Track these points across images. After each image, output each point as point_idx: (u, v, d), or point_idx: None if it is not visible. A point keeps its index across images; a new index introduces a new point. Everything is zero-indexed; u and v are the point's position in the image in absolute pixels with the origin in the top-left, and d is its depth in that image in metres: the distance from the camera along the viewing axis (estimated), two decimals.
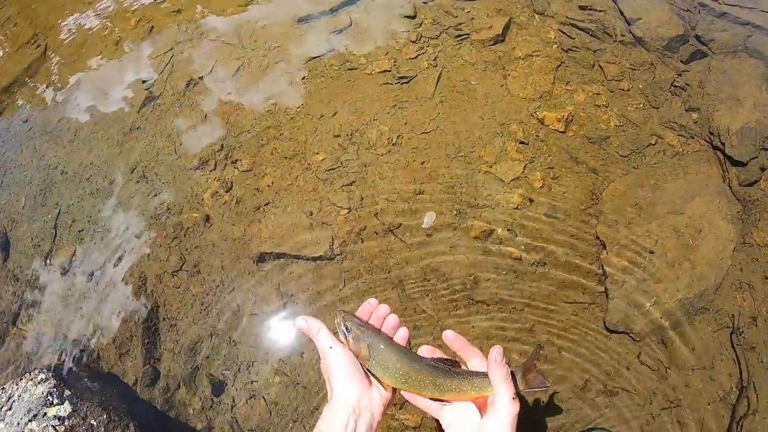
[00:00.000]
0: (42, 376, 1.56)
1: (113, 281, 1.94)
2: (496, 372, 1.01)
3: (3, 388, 1.53)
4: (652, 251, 1.79)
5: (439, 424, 1.11)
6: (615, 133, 2.07)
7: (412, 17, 2.46)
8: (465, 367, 1.15)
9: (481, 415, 1.02)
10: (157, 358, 1.80)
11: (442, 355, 1.14)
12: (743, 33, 2.26)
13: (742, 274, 1.76)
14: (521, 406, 1.01)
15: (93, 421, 1.49)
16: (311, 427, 1.59)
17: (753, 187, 1.92)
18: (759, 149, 1.95)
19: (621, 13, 2.36)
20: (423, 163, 2.05)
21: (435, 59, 2.32)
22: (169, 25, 2.67)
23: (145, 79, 2.47)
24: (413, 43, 2.37)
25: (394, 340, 1.13)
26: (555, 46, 2.32)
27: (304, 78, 2.35)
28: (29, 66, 2.67)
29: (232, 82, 2.39)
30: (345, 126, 2.16)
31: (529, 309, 1.75)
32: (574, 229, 1.88)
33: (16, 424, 1.44)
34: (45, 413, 1.46)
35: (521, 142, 2.06)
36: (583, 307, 1.75)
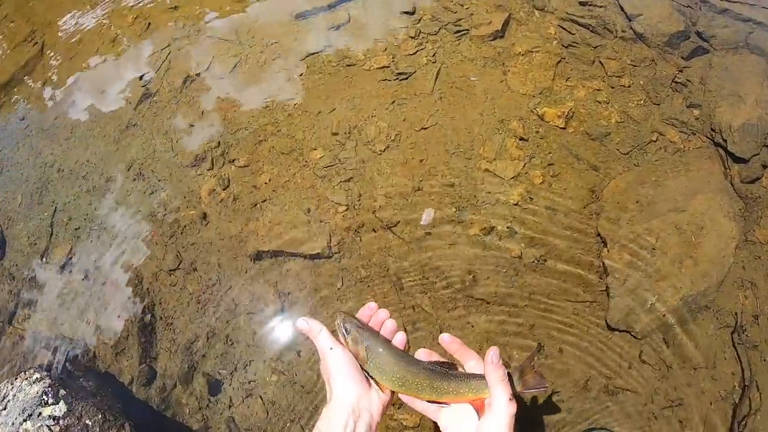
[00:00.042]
0: (37, 375, 1.54)
1: (109, 280, 1.92)
2: (493, 373, 1.02)
3: None
4: (654, 248, 1.77)
5: (437, 426, 1.11)
6: (616, 130, 2.05)
7: (410, 13, 2.45)
8: (462, 370, 1.14)
9: (479, 417, 1.02)
10: (154, 357, 1.78)
11: (439, 358, 1.14)
12: (744, 29, 2.24)
13: (744, 272, 1.75)
14: (519, 406, 1.01)
15: (88, 420, 1.48)
16: (310, 428, 1.59)
17: (755, 184, 1.92)
18: (761, 146, 1.94)
19: (621, 8, 2.34)
20: (422, 159, 2.03)
21: (434, 55, 2.30)
22: (167, 21, 2.65)
23: (142, 76, 2.45)
24: (412, 39, 2.35)
25: (392, 344, 1.13)
26: (555, 42, 2.30)
27: (301, 74, 2.33)
28: (26, 63, 2.66)
29: (230, 78, 2.37)
30: (343, 122, 2.15)
31: (529, 307, 1.74)
32: (575, 226, 1.86)
33: (10, 424, 1.43)
34: (40, 413, 1.45)
35: (521, 139, 2.04)
36: (584, 306, 1.73)
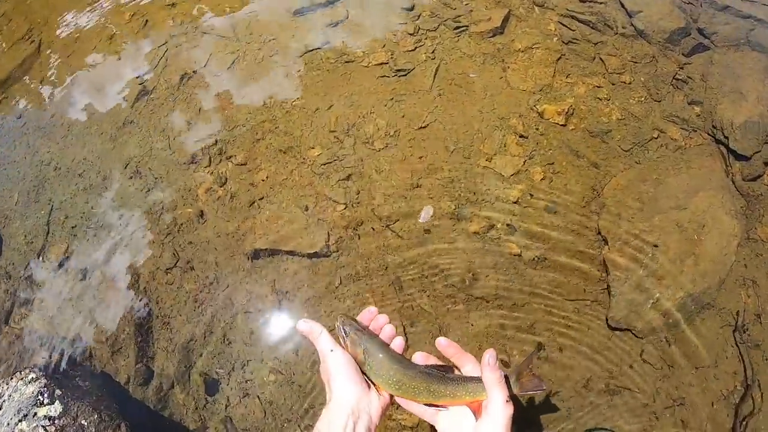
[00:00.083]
0: (32, 375, 1.53)
1: (106, 278, 1.91)
2: (489, 376, 1.02)
3: None
4: (656, 245, 1.75)
5: (435, 429, 1.11)
6: (616, 127, 2.04)
7: (409, 9, 2.43)
8: (459, 373, 1.14)
9: (476, 419, 1.03)
10: (150, 357, 1.77)
11: (436, 362, 1.15)
12: (745, 26, 2.23)
13: (746, 270, 1.73)
14: (516, 408, 1.01)
15: (84, 421, 1.47)
16: (309, 429, 1.57)
17: (757, 181, 1.90)
18: (762, 143, 1.92)
19: (622, 5, 2.33)
20: (421, 157, 2.01)
21: (433, 52, 2.29)
22: (164, 19, 2.63)
23: (139, 74, 2.43)
24: (411, 35, 2.34)
25: (390, 347, 1.13)
26: (555, 39, 2.29)
27: (299, 71, 2.32)
28: (23, 62, 2.64)
29: (227, 75, 2.35)
30: (341, 119, 2.13)
31: (530, 306, 1.72)
32: (575, 224, 1.85)
33: (6, 424, 1.42)
34: (35, 413, 1.44)
35: (521, 136, 2.02)
36: (584, 304, 1.72)
